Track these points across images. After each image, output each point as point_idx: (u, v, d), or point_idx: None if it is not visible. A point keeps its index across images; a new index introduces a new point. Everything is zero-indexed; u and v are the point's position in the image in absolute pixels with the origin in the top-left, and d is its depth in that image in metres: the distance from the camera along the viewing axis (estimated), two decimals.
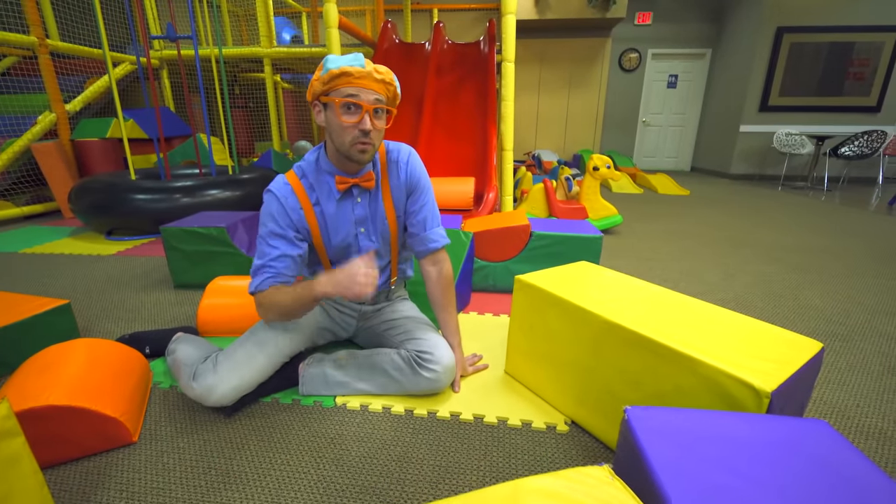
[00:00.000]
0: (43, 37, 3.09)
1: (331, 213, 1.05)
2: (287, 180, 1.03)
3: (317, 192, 1.04)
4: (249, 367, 1.01)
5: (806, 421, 0.62)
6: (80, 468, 0.88)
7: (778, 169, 5.67)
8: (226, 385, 0.98)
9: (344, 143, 0.95)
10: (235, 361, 1.01)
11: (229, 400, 0.99)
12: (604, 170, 2.82)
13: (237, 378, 0.99)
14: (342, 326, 1.23)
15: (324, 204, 1.04)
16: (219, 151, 4.11)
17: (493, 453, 0.93)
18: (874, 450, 0.95)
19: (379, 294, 1.21)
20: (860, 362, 1.30)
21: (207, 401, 0.98)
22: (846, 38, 5.13)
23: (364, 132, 0.93)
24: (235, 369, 1.00)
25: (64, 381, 0.90)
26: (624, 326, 0.86)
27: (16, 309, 1.24)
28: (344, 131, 0.94)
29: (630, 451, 0.59)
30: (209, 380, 0.98)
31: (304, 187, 1.03)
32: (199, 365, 1.02)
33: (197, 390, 0.97)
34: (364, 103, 0.91)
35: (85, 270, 2.06)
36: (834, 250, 2.49)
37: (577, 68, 6.28)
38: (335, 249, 1.09)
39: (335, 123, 0.94)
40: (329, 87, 0.92)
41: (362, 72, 0.90)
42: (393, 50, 3.57)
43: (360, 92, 0.91)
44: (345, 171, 1.03)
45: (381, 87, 0.94)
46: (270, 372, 1.06)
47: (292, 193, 1.02)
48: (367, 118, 0.92)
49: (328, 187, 1.04)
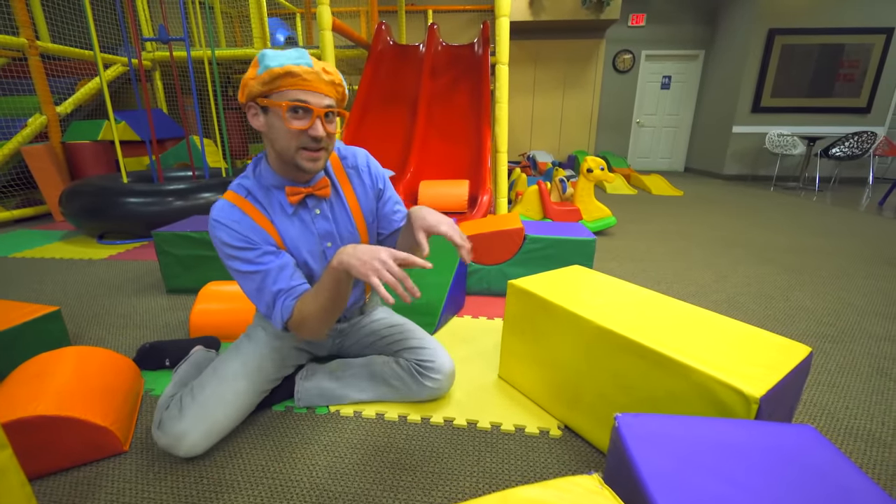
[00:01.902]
0: (33, 38, 3.06)
1: (289, 232, 0.91)
2: (231, 202, 0.88)
3: (269, 211, 0.90)
4: (220, 407, 0.89)
5: (793, 427, 0.63)
6: (70, 478, 0.87)
7: (770, 169, 5.72)
8: (196, 433, 0.86)
9: (289, 149, 0.83)
10: (203, 403, 0.89)
11: (203, 449, 0.88)
12: (598, 172, 2.83)
13: (208, 423, 0.88)
14: (316, 345, 1.14)
15: (279, 223, 0.90)
16: (212, 153, 4.09)
17: (487, 459, 0.93)
18: (862, 451, 0.96)
19: (352, 308, 1.11)
20: (850, 364, 1.31)
21: (178, 452, 0.86)
22: (836, 40, 5.18)
23: (315, 139, 0.82)
24: (204, 414, 0.88)
25: (53, 390, 0.89)
26: (616, 332, 0.86)
27: (5, 316, 1.22)
28: (290, 137, 0.82)
29: (620, 459, 0.60)
30: (176, 428, 0.86)
31: (254, 205, 0.89)
32: (163, 411, 0.90)
33: (163, 440, 0.86)
34: (315, 108, 0.80)
35: (76, 275, 2.04)
36: (825, 251, 2.52)
37: (572, 69, 6.30)
38: (303, 268, 0.96)
39: (279, 128, 0.81)
40: (270, 89, 0.79)
41: (310, 72, 0.79)
42: (387, 52, 3.56)
43: (308, 96, 0.80)
44: (294, 181, 0.90)
45: (330, 88, 0.83)
46: (249, 407, 0.96)
47: (244, 215, 0.87)
48: (318, 123, 0.81)
49: (279, 203, 0.90)
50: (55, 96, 3.43)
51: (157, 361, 1.23)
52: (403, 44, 3.68)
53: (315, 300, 0.85)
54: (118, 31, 4.55)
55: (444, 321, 1.52)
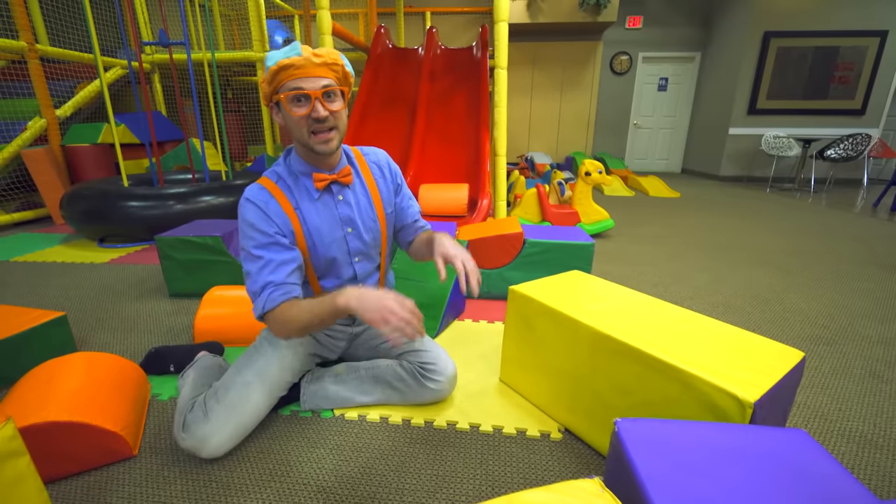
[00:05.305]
0: (32, 41, 3.07)
1: (313, 216, 0.99)
2: (262, 185, 0.97)
3: (296, 196, 0.98)
4: (245, 409, 0.94)
5: (787, 431, 0.65)
6: (82, 483, 0.89)
7: (766, 171, 5.77)
8: (222, 434, 0.90)
9: (303, 136, 0.91)
10: (229, 405, 0.93)
11: (226, 450, 0.92)
12: (596, 175, 2.86)
13: (233, 425, 0.92)
14: (330, 349, 1.17)
15: (305, 207, 0.98)
16: (212, 156, 4.09)
17: (489, 462, 0.95)
18: (854, 453, 0.99)
19: None
20: (843, 366, 1.34)
21: (201, 453, 0.89)
22: (831, 43, 5.23)
23: (317, 119, 0.88)
24: (230, 415, 0.92)
25: (63, 396, 0.91)
26: (615, 338, 0.88)
27: (12, 321, 1.24)
28: (298, 125, 0.90)
29: (620, 463, 0.62)
30: (202, 430, 0.89)
31: (283, 190, 0.97)
32: (186, 414, 0.93)
33: (188, 442, 0.89)
34: (310, 91, 0.86)
35: (79, 279, 2.05)
36: (820, 252, 2.55)
37: (569, 71, 6.34)
38: (322, 259, 1.01)
39: (289, 119, 0.90)
40: (275, 86, 0.88)
41: (300, 60, 0.85)
42: (386, 55, 3.58)
43: (302, 82, 0.86)
44: (320, 168, 0.99)
45: (324, 70, 0.88)
46: (268, 410, 1.00)
47: (272, 198, 0.95)
48: (317, 105, 0.87)
49: (305, 189, 0.98)
50: (55, 99, 3.43)
51: (163, 366, 1.25)
52: (402, 47, 3.70)
53: (305, 315, 0.89)
54: (117, 34, 4.56)
55: (445, 325, 1.54)
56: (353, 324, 1.17)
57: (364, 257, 1.08)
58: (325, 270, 1.04)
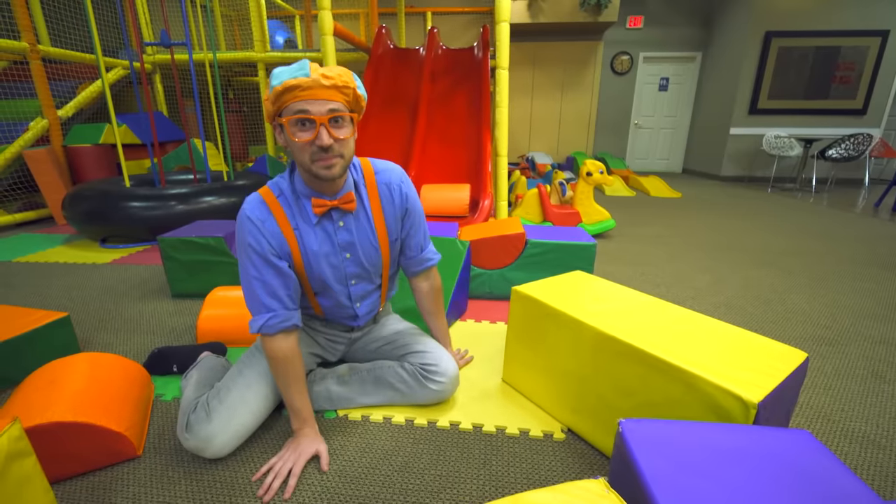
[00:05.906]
0: (34, 42, 3.07)
1: (311, 240, 0.94)
2: (263, 199, 0.92)
3: (296, 216, 0.93)
4: (248, 409, 0.94)
5: (791, 432, 0.65)
6: (87, 483, 0.89)
7: (767, 171, 5.77)
8: (225, 435, 0.91)
9: (305, 162, 0.86)
10: (231, 406, 0.93)
11: (230, 450, 0.92)
12: (597, 175, 2.86)
13: (236, 425, 0.92)
14: (330, 352, 1.18)
15: (303, 229, 0.94)
16: (213, 156, 4.10)
17: (493, 462, 0.95)
18: (857, 454, 0.99)
19: (367, 318, 1.13)
20: (846, 366, 1.34)
21: (205, 453, 0.90)
22: (832, 43, 5.23)
23: (322, 148, 0.83)
24: (232, 416, 0.92)
25: (68, 396, 0.91)
26: (618, 338, 0.89)
27: (15, 322, 1.24)
28: (301, 150, 0.84)
29: (624, 463, 0.62)
30: (205, 430, 0.89)
31: (283, 207, 0.92)
32: (190, 414, 0.93)
33: (191, 442, 0.89)
34: (316, 116, 0.81)
35: (81, 280, 2.06)
36: (821, 252, 2.55)
37: (570, 71, 6.34)
38: (317, 280, 0.99)
39: (292, 143, 0.84)
40: (279, 107, 0.82)
41: (307, 82, 0.79)
42: (387, 55, 3.58)
43: (309, 105, 0.80)
44: (321, 193, 0.93)
45: (333, 93, 0.82)
46: (270, 410, 1.00)
47: (270, 216, 0.91)
48: (322, 132, 0.81)
49: (306, 211, 0.93)
50: (56, 100, 3.44)
51: (166, 367, 1.25)
52: (403, 47, 3.71)
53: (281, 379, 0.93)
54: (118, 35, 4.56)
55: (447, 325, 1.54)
56: (352, 330, 1.16)
57: (361, 280, 1.05)
58: (321, 289, 1.02)
